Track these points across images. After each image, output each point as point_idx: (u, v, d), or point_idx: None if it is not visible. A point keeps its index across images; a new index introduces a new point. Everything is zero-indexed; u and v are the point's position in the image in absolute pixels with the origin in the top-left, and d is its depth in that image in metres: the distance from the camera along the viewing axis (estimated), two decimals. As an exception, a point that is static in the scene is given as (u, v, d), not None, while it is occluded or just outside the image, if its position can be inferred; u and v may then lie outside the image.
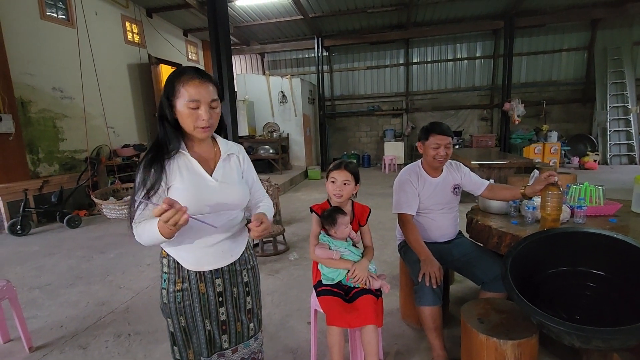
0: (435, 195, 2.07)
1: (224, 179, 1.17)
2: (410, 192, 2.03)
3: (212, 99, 1.09)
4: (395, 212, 2.05)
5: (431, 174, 2.08)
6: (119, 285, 3.01)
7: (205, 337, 1.17)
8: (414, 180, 2.05)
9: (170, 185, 1.09)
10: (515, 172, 4.98)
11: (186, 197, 1.07)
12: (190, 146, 1.15)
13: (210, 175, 1.14)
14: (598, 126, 8.97)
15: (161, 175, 1.06)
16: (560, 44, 9.32)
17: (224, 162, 1.19)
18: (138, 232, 1.05)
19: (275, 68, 11.20)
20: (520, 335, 1.41)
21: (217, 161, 1.18)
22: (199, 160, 1.14)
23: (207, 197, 1.11)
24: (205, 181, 1.13)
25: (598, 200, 2.10)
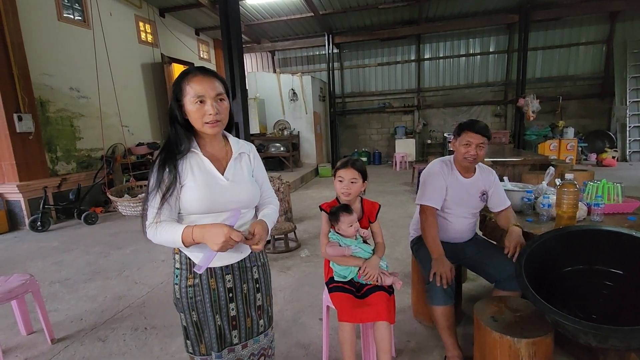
0: (461, 197, 1.97)
1: (235, 178, 1.18)
2: (439, 185, 1.92)
3: (217, 93, 1.10)
4: (419, 203, 1.95)
5: (462, 174, 1.97)
6: (135, 281, 3.08)
7: (215, 332, 1.19)
8: (445, 174, 1.95)
9: (183, 185, 1.11)
10: (529, 169, 4.88)
11: (198, 196, 1.09)
12: (202, 145, 1.17)
13: (222, 174, 1.16)
14: (617, 122, 8.72)
15: (176, 175, 1.09)
16: (578, 37, 9.08)
17: (235, 161, 1.21)
18: (157, 232, 1.08)
19: (286, 66, 11.22)
20: (535, 333, 1.40)
21: (228, 160, 1.20)
22: (210, 159, 1.16)
23: (219, 196, 1.13)
24: (216, 180, 1.14)
25: (616, 198, 2.05)
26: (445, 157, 2.06)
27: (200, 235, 1.05)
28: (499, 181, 2.05)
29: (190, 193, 1.10)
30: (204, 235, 1.05)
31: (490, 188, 2.01)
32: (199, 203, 1.11)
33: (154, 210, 1.08)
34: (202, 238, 1.05)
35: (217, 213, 1.14)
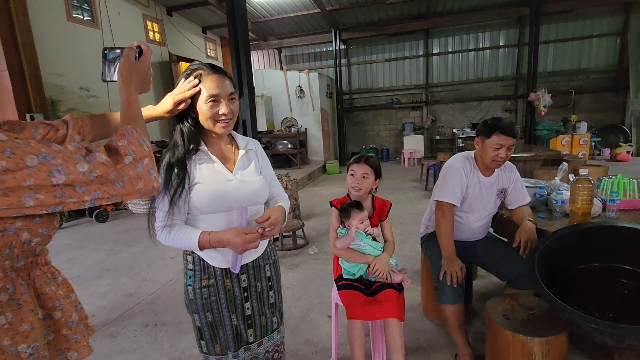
0: (481, 196, 1.91)
1: (244, 175, 1.17)
2: (459, 182, 1.85)
3: (230, 92, 1.09)
4: (438, 199, 1.88)
5: (483, 172, 1.90)
6: (145, 278, 3.12)
7: (232, 332, 1.19)
8: (467, 172, 1.88)
9: (192, 185, 1.09)
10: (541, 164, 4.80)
11: (208, 195, 1.09)
12: (209, 144, 1.15)
13: (230, 172, 1.15)
14: (632, 115, 8.51)
15: (185, 176, 1.07)
16: (591, 30, 8.87)
17: (243, 158, 1.20)
18: (169, 237, 1.08)
19: (293, 63, 11.20)
20: (548, 332, 1.37)
21: (236, 158, 1.19)
22: (218, 158, 1.15)
23: (229, 194, 1.12)
24: (226, 178, 1.13)
25: (632, 194, 2.00)
26: (467, 152, 1.97)
27: (218, 241, 1.06)
28: (520, 177, 1.99)
29: (200, 193, 1.09)
30: (222, 241, 1.05)
31: (510, 185, 1.95)
32: (209, 202, 1.10)
33: (163, 213, 1.07)
34: (220, 244, 1.06)
35: (228, 211, 1.13)
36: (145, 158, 0.76)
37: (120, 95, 0.84)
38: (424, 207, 4.84)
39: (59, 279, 0.84)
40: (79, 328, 0.84)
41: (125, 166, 0.72)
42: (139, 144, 0.76)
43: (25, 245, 0.72)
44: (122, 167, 0.71)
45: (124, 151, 0.73)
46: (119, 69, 0.85)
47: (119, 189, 0.71)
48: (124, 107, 0.83)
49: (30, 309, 0.72)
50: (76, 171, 0.65)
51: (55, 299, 0.79)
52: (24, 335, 0.70)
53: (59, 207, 0.65)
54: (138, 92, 0.88)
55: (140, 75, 0.89)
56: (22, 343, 0.70)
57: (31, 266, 0.77)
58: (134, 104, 0.85)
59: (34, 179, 0.60)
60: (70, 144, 0.68)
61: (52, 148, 0.64)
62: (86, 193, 0.67)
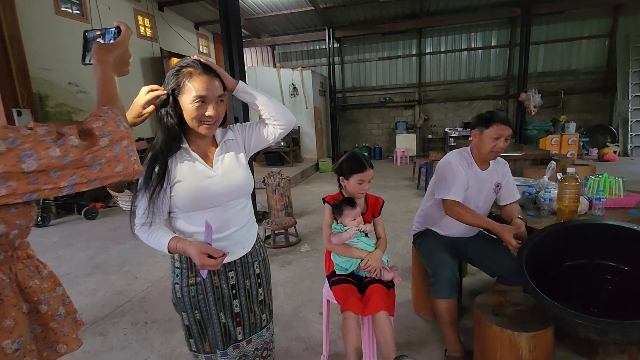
0: (479, 191, 1.92)
1: (225, 169, 1.16)
2: (461, 177, 1.85)
3: (218, 94, 1.08)
4: (443, 197, 1.86)
5: (480, 166, 1.92)
6: (135, 275, 3.09)
7: (220, 329, 1.18)
8: (465, 167, 1.88)
9: (173, 183, 1.08)
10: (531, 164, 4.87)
11: (190, 193, 1.08)
12: (191, 141, 1.14)
13: (211, 168, 1.14)
14: (619, 116, 8.67)
15: (164, 174, 1.06)
16: (580, 31, 9.00)
17: (222, 151, 1.18)
18: (147, 235, 1.08)
19: (286, 60, 11.15)
20: (535, 327, 1.39)
21: (215, 152, 1.17)
22: (199, 155, 1.14)
23: (212, 190, 1.11)
24: (206, 175, 1.12)
25: (618, 192, 2.04)
26: (461, 149, 1.99)
27: (183, 251, 1.06)
28: (510, 173, 2.03)
29: (181, 191, 1.08)
30: (186, 252, 1.05)
31: (503, 180, 1.99)
32: (192, 200, 1.09)
33: (142, 210, 1.07)
34: (185, 254, 1.07)
35: (211, 208, 1.12)
36: (123, 140, 0.73)
37: (95, 75, 0.81)
38: (416, 205, 4.88)
39: (44, 272, 0.83)
40: (66, 321, 0.84)
41: (102, 148, 0.69)
42: (116, 125, 0.73)
43: (3, 238, 0.71)
44: (97, 149, 0.69)
45: (99, 133, 0.70)
46: (94, 48, 0.81)
47: (96, 172, 0.69)
48: (99, 87, 0.80)
49: (13, 304, 0.71)
50: (48, 155, 0.62)
51: (39, 292, 0.78)
52: (7, 331, 0.69)
53: (34, 195, 0.63)
54: (115, 73, 0.84)
55: (118, 56, 0.84)
56: (6, 339, 0.69)
57: (12, 260, 0.75)
58: (109, 84, 0.81)
59: (3, 166, 0.58)
60: (40, 127, 0.65)
61: (20, 132, 0.61)
62: (62, 178, 0.64)
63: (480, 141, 1.85)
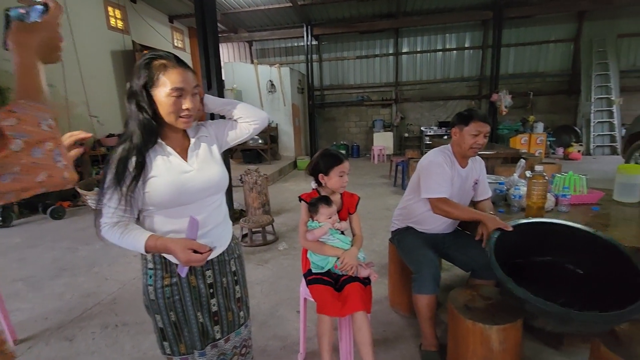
0: (461, 188, 1.96)
1: (201, 164, 1.14)
2: (446, 174, 1.88)
3: (194, 86, 1.06)
4: (429, 196, 1.87)
5: (460, 163, 1.96)
6: (106, 277, 2.97)
7: (198, 329, 1.16)
8: (447, 165, 1.91)
9: (148, 178, 1.04)
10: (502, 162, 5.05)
11: (166, 188, 1.04)
12: (165, 137, 1.10)
13: (186, 163, 1.11)
14: (582, 117, 9.13)
15: (141, 170, 1.02)
16: (548, 35, 9.40)
17: (196, 147, 1.16)
18: (119, 235, 1.02)
19: (264, 57, 11.02)
20: (505, 320, 1.44)
21: (188, 148, 1.14)
22: (174, 150, 1.11)
23: (189, 186, 1.08)
24: (183, 170, 1.09)
25: (581, 189, 2.15)
26: (442, 147, 2.02)
27: (164, 248, 1.02)
28: (485, 171, 2.10)
29: (157, 187, 1.04)
30: (168, 250, 1.01)
31: (479, 176, 2.04)
32: (168, 196, 1.05)
33: (111, 209, 1.01)
34: (166, 251, 1.02)
35: (189, 205, 1.09)
36: (46, 142, 0.59)
37: (13, 61, 0.64)
38: (392, 202, 4.95)
39: None
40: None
41: (14, 153, 0.55)
42: (35, 123, 0.58)
43: None
44: (8, 154, 0.54)
45: (10, 133, 0.55)
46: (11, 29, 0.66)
47: (9, 183, 0.55)
48: (17, 75, 0.63)
49: None
50: None
51: None
52: None
53: None
54: (39, 59, 0.68)
55: (44, 39, 0.68)
56: None
57: None
58: (30, 72, 0.64)
59: None
60: None
61: None
62: None
63: (460, 138, 1.89)
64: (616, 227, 1.71)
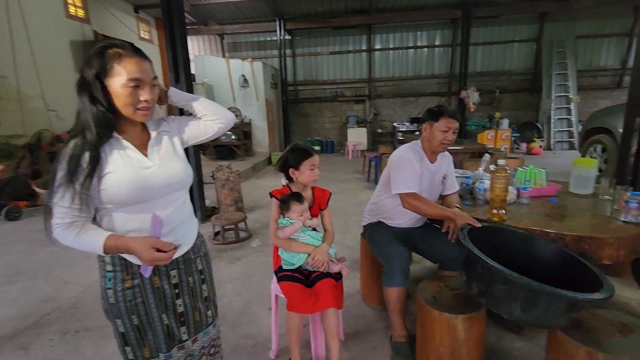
0: (430, 183, 2.00)
1: (163, 159, 1.09)
2: (416, 171, 1.91)
3: (152, 77, 1.01)
4: (399, 192, 1.88)
5: (430, 158, 1.99)
6: (66, 280, 2.81)
7: (163, 332, 1.11)
8: (417, 160, 1.94)
9: (104, 175, 0.98)
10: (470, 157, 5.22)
11: (125, 185, 0.99)
12: (122, 130, 1.04)
13: (147, 158, 1.06)
14: (544, 114, 9.62)
15: (96, 165, 0.95)
16: (513, 35, 9.79)
17: (157, 142, 1.11)
18: (71, 237, 0.96)
19: (236, 50, 10.79)
20: (470, 309, 1.49)
21: (148, 143, 1.09)
22: (132, 145, 1.05)
23: (150, 182, 1.03)
24: (143, 165, 1.04)
25: (541, 182, 2.25)
26: (412, 143, 2.05)
27: (125, 248, 0.97)
28: (453, 166, 2.15)
29: (115, 183, 0.98)
30: (129, 249, 0.97)
31: (448, 171, 2.09)
32: (127, 193, 0.99)
33: (64, 208, 0.95)
34: (127, 251, 0.98)
35: (149, 202, 1.04)
36: None
37: None
38: (366, 197, 5.00)
39: None
40: None
41: None
42: None
43: None
44: None
45: None
46: None
47: None
48: None
49: None
50: None
51: None
52: None
53: None
54: None
55: None
56: None
57: None
58: None
59: None
60: None
61: None
62: None
63: (431, 134, 1.93)
64: (572, 218, 1.80)
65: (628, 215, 1.70)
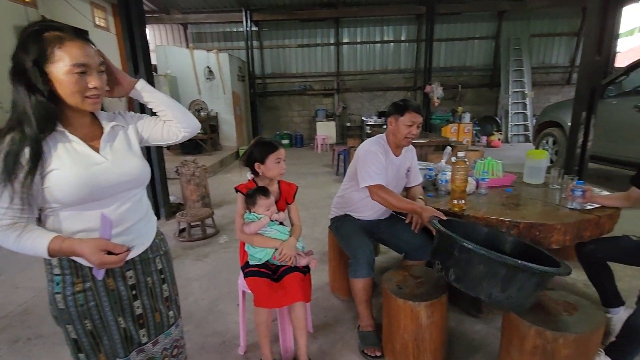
0: (395, 176, 2.04)
1: (117, 155, 1.02)
2: (380, 163, 1.94)
3: (99, 62, 0.94)
4: (367, 184, 1.90)
5: (394, 152, 2.03)
6: (16, 285, 2.62)
7: (120, 336, 1.06)
8: (382, 154, 1.97)
9: (47, 172, 0.90)
10: (434, 149, 5.41)
11: (73, 184, 0.91)
12: (67, 123, 0.96)
13: (98, 153, 0.99)
14: (502, 109, 10.12)
15: (37, 162, 0.87)
16: (473, 32, 10.17)
17: (110, 136, 1.04)
18: (12, 240, 0.89)
19: (200, 41, 10.40)
20: (432, 296, 1.56)
21: (100, 137, 1.02)
22: (81, 138, 0.97)
23: (101, 179, 0.96)
24: (93, 161, 0.97)
25: (498, 173, 2.37)
26: (377, 136, 2.08)
27: (71, 251, 0.90)
28: (416, 158, 2.21)
29: (60, 181, 0.90)
30: (76, 252, 0.90)
31: (412, 164, 2.14)
32: (75, 191, 0.92)
33: (2, 209, 0.87)
34: (74, 254, 0.92)
35: (100, 201, 0.98)
36: None
37: None
38: (335, 191, 5.02)
39: None
40: None
41: None
42: None
43: None
44: None
45: None
46: None
47: None
48: None
49: None
50: None
51: None
52: None
53: None
54: None
55: None
56: None
57: None
58: None
59: None
60: None
61: None
62: None
63: (396, 128, 1.96)
64: (525, 207, 1.92)
65: (574, 202, 1.84)
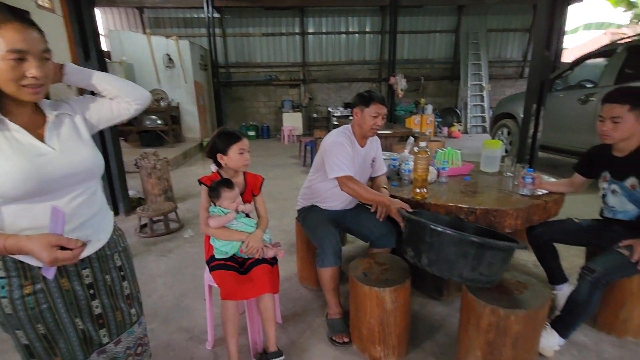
0: (360, 167, 2.06)
1: (65, 145, 0.96)
2: (347, 153, 1.95)
3: (43, 49, 0.87)
4: (336, 175, 1.89)
5: (360, 142, 2.06)
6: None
7: (78, 338, 1.00)
8: (348, 145, 1.98)
9: None
10: (398, 140, 5.56)
11: (15, 177, 0.84)
12: (6, 111, 0.89)
13: (43, 144, 0.93)
14: (461, 100, 10.56)
15: None
16: (435, 25, 10.46)
17: (56, 125, 0.97)
18: None
19: (158, 27, 9.86)
20: (396, 282, 1.62)
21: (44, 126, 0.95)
22: (23, 128, 0.90)
23: (48, 171, 0.90)
24: (38, 152, 0.90)
25: (457, 162, 2.49)
26: (342, 127, 2.09)
27: (17, 249, 0.83)
28: (381, 149, 2.25)
29: (1, 172, 0.84)
30: (22, 250, 0.83)
31: (376, 154, 2.18)
32: (17, 184, 0.85)
33: None
34: (20, 252, 0.84)
35: (48, 195, 0.91)
36: None
37: None
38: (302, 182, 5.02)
39: None
40: None
41: None
42: None
43: None
44: None
45: None
46: None
47: None
48: None
49: None
50: None
51: None
52: None
53: None
54: None
55: None
56: None
57: None
58: None
59: None
60: None
61: None
62: None
63: (362, 119, 1.99)
64: (481, 194, 2.03)
65: (524, 189, 1.97)
